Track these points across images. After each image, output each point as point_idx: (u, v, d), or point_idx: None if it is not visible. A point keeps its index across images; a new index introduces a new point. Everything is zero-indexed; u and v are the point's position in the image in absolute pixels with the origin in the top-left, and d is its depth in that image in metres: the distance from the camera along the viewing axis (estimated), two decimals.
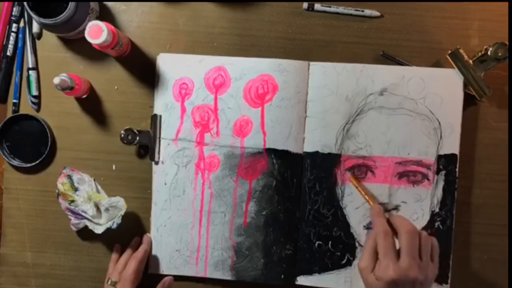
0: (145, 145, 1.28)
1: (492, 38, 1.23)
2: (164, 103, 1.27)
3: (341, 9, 1.27)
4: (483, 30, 1.28)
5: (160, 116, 1.27)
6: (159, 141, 1.27)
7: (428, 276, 1.06)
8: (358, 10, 1.28)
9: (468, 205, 1.28)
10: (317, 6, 1.28)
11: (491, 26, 1.28)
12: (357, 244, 1.26)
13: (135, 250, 1.28)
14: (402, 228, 1.07)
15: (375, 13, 1.28)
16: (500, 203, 1.29)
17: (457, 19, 1.28)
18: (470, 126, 1.27)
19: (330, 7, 1.27)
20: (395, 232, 1.09)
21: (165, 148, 1.27)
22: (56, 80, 1.15)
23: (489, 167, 1.28)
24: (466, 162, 1.27)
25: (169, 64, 1.27)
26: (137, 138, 1.25)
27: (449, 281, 1.25)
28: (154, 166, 1.28)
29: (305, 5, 1.28)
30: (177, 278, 1.29)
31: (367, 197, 1.22)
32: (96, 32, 1.13)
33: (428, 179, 1.24)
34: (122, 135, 1.25)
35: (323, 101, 1.25)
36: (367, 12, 1.28)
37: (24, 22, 1.29)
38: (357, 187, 1.24)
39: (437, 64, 1.26)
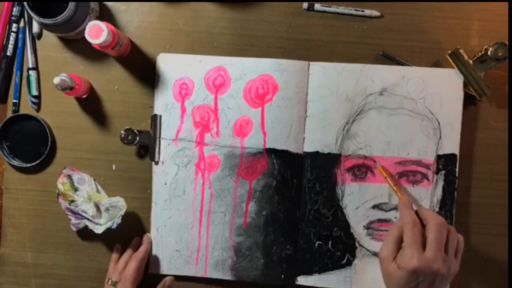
0: (145, 145, 1.28)
1: (492, 38, 1.22)
2: (164, 103, 1.27)
3: (341, 9, 1.27)
4: (483, 30, 1.28)
5: (160, 116, 1.27)
6: (159, 141, 1.27)
7: (450, 270, 1.05)
8: (358, 10, 1.28)
9: (468, 205, 1.29)
10: (317, 6, 1.28)
11: (491, 26, 1.28)
12: (357, 244, 1.26)
13: (135, 250, 1.28)
14: (432, 220, 1.06)
15: (375, 13, 1.28)
16: (500, 203, 1.29)
17: (457, 19, 1.28)
18: (470, 126, 1.27)
19: (330, 7, 1.27)
20: (422, 225, 1.08)
21: (165, 148, 1.27)
22: (56, 80, 1.15)
23: (489, 167, 1.29)
24: (466, 162, 1.27)
25: (169, 64, 1.27)
26: (137, 138, 1.25)
27: None
28: (154, 166, 1.28)
29: (305, 5, 1.28)
30: (177, 278, 1.29)
31: (395, 188, 1.21)
32: (96, 32, 1.13)
33: (428, 179, 1.25)
34: (122, 135, 1.25)
35: (323, 101, 1.25)
36: (367, 12, 1.28)
37: (24, 22, 1.29)
38: (386, 178, 1.23)
39: (437, 64, 1.26)
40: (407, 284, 1.04)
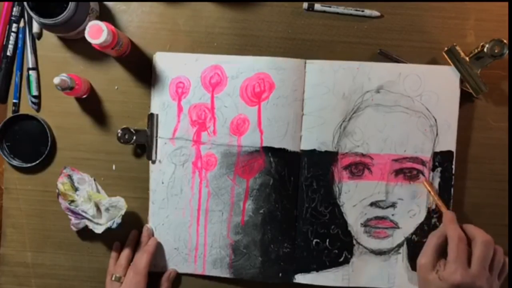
0: (142, 144, 1.28)
1: (490, 38, 1.21)
2: (160, 102, 1.27)
3: (341, 9, 1.28)
4: (483, 30, 1.28)
5: (157, 115, 1.27)
6: (156, 140, 1.27)
7: None
8: (358, 10, 1.28)
9: (467, 205, 1.28)
10: (317, 6, 1.28)
11: (490, 26, 1.28)
12: (354, 242, 1.26)
13: (134, 244, 1.29)
14: (480, 237, 1.06)
15: (375, 13, 1.28)
16: (500, 203, 1.29)
17: (457, 19, 1.28)
18: (467, 124, 1.27)
19: (330, 7, 1.28)
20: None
21: (162, 147, 1.27)
22: (56, 80, 1.16)
23: (488, 167, 1.28)
24: (463, 161, 1.27)
25: (166, 63, 1.27)
26: (134, 137, 1.25)
27: None
28: (151, 165, 1.28)
29: (305, 5, 1.28)
30: (176, 275, 1.30)
31: (440, 203, 1.21)
32: (96, 32, 1.14)
33: (424, 176, 1.24)
34: (119, 134, 1.25)
35: (320, 99, 1.25)
36: (367, 12, 1.28)
37: (24, 22, 1.29)
38: (430, 192, 1.23)
39: (434, 61, 1.26)
40: None
